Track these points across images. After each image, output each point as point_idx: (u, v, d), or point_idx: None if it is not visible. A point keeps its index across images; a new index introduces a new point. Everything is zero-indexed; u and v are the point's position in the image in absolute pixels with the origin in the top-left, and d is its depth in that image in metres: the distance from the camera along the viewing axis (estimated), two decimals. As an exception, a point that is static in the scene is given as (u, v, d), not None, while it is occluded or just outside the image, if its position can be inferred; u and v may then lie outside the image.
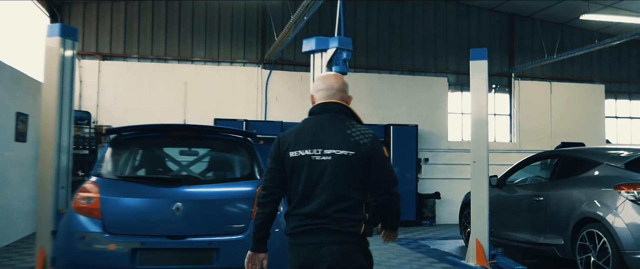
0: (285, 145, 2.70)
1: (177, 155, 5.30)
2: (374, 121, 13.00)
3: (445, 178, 13.49)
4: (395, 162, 12.64)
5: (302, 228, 2.62)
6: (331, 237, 2.58)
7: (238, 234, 4.70)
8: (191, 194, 4.72)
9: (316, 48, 7.26)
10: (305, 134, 2.68)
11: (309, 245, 2.60)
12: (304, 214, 2.63)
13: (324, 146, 2.63)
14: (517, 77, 14.58)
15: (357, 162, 2.61)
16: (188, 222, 4.60)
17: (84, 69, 12.11)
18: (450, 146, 13.71)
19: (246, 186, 4.96)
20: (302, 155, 2.64)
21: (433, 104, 13.81)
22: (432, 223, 13.06)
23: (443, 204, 13.33)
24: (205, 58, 12.80)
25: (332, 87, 2.76)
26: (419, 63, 13.95)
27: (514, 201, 8.12)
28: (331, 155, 2.61)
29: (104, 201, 4.58)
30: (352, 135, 2.65)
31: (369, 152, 2.63)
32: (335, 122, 2.70)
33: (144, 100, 12.23)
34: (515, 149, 14.09)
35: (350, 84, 2.93)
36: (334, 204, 2.59)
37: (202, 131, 5.22)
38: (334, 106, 2.74)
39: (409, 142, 12.81)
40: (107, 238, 4.47)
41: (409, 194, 12.71)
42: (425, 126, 13.53)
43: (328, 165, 2.61)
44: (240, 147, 5.29)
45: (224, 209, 4.76)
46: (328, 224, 2.58)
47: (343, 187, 2.61)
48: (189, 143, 5.28)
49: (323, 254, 2.56)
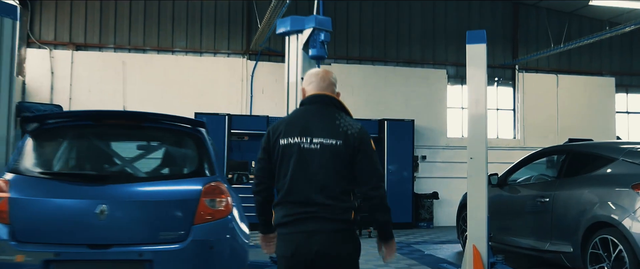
0: (276, 134, 2.79)
1: (112, 148, 4.46)
2: (367, 115, 12.16)
3: (444, 177, 12.63)
4: (389, 160, 11.82)
5: (293, 217, 2.70)
6: (323, 225, 2.65)
7: (175, 243, 3.90)
8: (119, 195, 3.91)
9: (291, 29, 6.46)
10: (295, 123, 2.78)
11: (301, 233, 2.67)
12: (293, 202, 2.71)
13: (313, 134, 2.72)
14: (521, 70, 13.69)
15: (344, 152, 2.70)
16: (114, 228, 3.82)
17: (56, 60, 11.33)
18: (449, 143, 12.85)
19: (190, 184, 4.15)
20: (292, 142, 2.73)
21: (431, 98, 12.95)
22: (430, 225, 12.20)
23: (441, 204, 12.48)
24: (187, 48, 12.00)
25: (323, 80, 2.87)
26: (416, 54, 13.09)
27: (517, 202, 7.30)
28: (319, 144, 2.70)
29: (13, 203, 3.79)
30: (341, 125, 2.74)
31: (356, 142, 2.71)
32: (324, 112, 2.79)
33: (120, 93, 11.45)
34: (519, 146, 13.20)
35: (342, 76, 3.11)
36: (323, 191, 2.67)
37: (143, 119, 4.39)
38: (324, 98, 2.84)
39: (404, 138, 11.97)
40: (14, 247, 3.71)
41: (404, 194, 11.87)
42: (423, 122, 12.68)
43: (316, 153, 2.70)
44: (188, 139, 4.48)
45: (160, 213, 3.96)
46: (319, 212, 2.66)
47: (331, 175, 2.69)
48: (126, 133, 4.46)
49: (314, 242, 2.64)
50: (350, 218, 2.71)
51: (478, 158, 6.64)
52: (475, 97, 6.68)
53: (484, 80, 6.67)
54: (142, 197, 3.97)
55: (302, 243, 2.66)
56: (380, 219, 2.79)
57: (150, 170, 4.40)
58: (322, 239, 2.65)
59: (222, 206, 4.09)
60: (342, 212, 2.69)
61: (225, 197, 4.13)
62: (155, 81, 11.61)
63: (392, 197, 11.96)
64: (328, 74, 2.93)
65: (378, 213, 2.76)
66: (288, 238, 2.71)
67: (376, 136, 11.97)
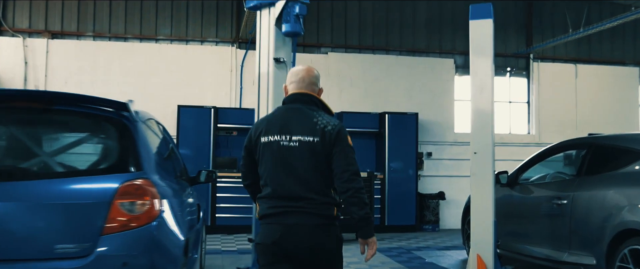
0: (258, 132, 2.89)
1: (9, 136, 3.56)
2: (367, 108, 11.21)
3: (451, 176, 11.62)
4: (391, 157, 10.86)
5: (277, 209, 2.78)
6: (306, 219, 2.74)
7: (75, 259, 3.00)
8: (6, 196, 3.01)
9: (262, 0, 5.54)
10: (275, 121, 2.88)
11: (283, 225, 2.75)
12: (277, 196, 2.79)
13: (291, 132, 2.82)
14: (536, 59, 12.60)
15: (321, 148, 2.78)
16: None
17: (30, 49, 10.53)
18: (457, 139, 11.82)
19: (103, 182, 3.25)
20: (272, 140, 2.83)
21: (437, 89, 11.93)
22: (435, 227, 11.20)
23: (448, 205, 11.47)
24: (172, 36, 11.12)
25: (303, 80, 2.95)
26: (421, 42, 12.08)
27: (529, 204, 6.33)
28: (298, 141, 2.80)
29: None
30: (318, 123, 2.82)
31: (332, 138, 2.78)
32: (304, 111, 2.88)
33: (99, 84, 10.61)
34: (534, 142, 12.13)
35: (339, 66, 6.14)
36: (304, 187, 2.76)
37: (51, 100, 3.49)
38: (304, 96, 2.92)
39: (407, 133, 10.99)
40: None
41: (407, 194, 10.89)
42: (428, 115, 11.67)
43: (295, 150, 2.79)
44: (109, 126, 3.57)
45: (58, 220, 3.06)
46: (303, 207, 2.74)
47: (310, 172, 2.78)
48: (30, 119, 3.55)
49: (295, 234, 2.73)
50: (333, 214, 2.79)
51: (483, 152, 5.67)
52: (479, 81, 5.70)
53: (490, 61, 5.68)
54: (35, 200, 3.08)
55: (284, 234, 2.73)
56: (356, 214, 2.75)
57: (54, 165, 3.49)
58: (304, 233, 2.72)
59: (143, 210, 3.18)
60: (325, 207, 2.77)
61: (149, 199, 3.22)
62: (137, 72, 10.76)
63: (394, 198, 11.01)
64: (309, 72, 2.98)
65: (353, 207, 2.75)
66: (271, 228, 2.78)
67: (376, 130, 11.01)
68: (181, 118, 10.21)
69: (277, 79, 5.59)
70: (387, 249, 8.58)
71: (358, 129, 10.90)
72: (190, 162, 10.62)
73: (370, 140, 11.24)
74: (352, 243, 8.66)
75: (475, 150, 5.70)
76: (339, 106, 11.15)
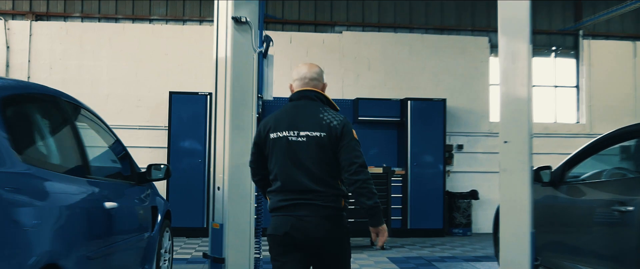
0: (266, 129, 3.00)
1: None
2: (387, 94, 9.83)
3: (486, 172, 10.09)
4: (413, 150, 9.46)
5: (288, 201, 2.88)
6: (315, 211, 2.84)
7: None
8: None
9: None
10: (283, 118, 2.99)
11: (296, 216, 2.85)
12: (286, 190, 2.90)
13: (299, 128, 2.92)
14: (586, 36, 10.86)
15: (328, 143, 2.88)
16: None
17: (12, 32, 9.59)
18: (492, 129, 10.27)
19: None
20: (281, 136, 2.93)
21: (469, 72, 10.40)
22: (467, 231, 9.72)
23: (482, 206, 9.97)
24: (167, 16, 9.98)
25: (305, 77, 3.07)
26: (451, 18, 10.56)
27: (580, 209, 4.88)
28: (306, 136, 2.90)
29: None
30: (324, 118, 2.92)
31: (338, 133, 2.88)
32: (310, 107, 3.00)
33: (87, 69, 9.61)
34: (584, 133, 10.46)
35: (356, 47, 5.84)
36: (312, 180, 2.86)
37: None
38: (309, 93, 3.04)
39: (433, 122, 9.55)
40: None
41: (433, 193, 9.46)
42: (458, 102, 10.18)
43: (303, 145, 2.89)
44: None
45: None
46: (311, 199, 2.85)
47: (317, 165, 2.86)
48: None
49: (305, 225, 2.83)
50: (340, 205, 2.90)
51: (517, 141, 4.26)
52: (510, 52, 4.27)
53: (528, 32, 4.23)
54: None
55: (294, 226, 2.84)
56: (366, 204, 2.85)
57: None
58: (313, 224, 2.83)
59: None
60: (332, 199, 2.88)
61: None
62: (128, 55, 9.68)
63: (418, 198, 9.57)
64: (311, 69, 3.11)
65: (362, 198, 2.84)
66: (282, 220, 2.89)
67: (397, 119, 9.60)
68: (173, 106, 9.07)
69: (238, 49, 4.29)
70: (404, 259, 7.19)
71: (376, 118, 9.56)
72: (183, 156, 9.56)
73: (390, 130, 9.84)
74: (357, 251, 7.33)
75: (506, 139, 4.29)
76: (355, 92, 9.80)
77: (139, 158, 7.73)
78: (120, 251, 3.89)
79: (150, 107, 9.59)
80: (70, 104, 3.63)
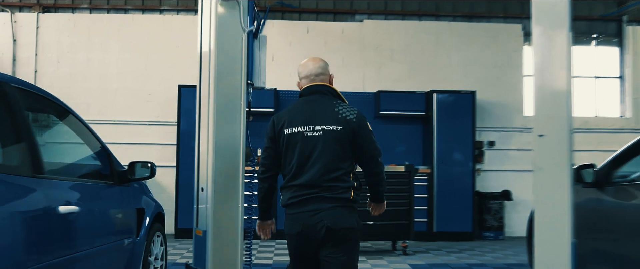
0: (280, 124, 3.00)
1: None
2: (410, 86, 9.15)
3: (520, 170, 9.29)
4: (440, 147, 8.79)
5: (299, 198, 2.91)
6: (326, 203, 2.87)
7: None
8: None
9: None
10: (297, 113, 3.01)
11: (307, 212, 2.89)
12: (298, 185, 2.92)
13: (315, 122, 2.94)
14: (630, 22, 9.93)
15: (345, 136, 2.92)
16: None
17: (19, 24, 9.26)
18: (527, 124, 9.48)
19: None
20: (296, 132, 2.95)
21: (501, 62, 9.62)
22: (499, 235, 8.96)
23: (516, 208, 9.20)
24: (178, 6, 9.51)
25: (312, 74, 3.09)
26: (481, 5, 9.79)
27: (630, 214, 4.15)
28: (322, 131, 2.92)
29: None
30: (340, 112, 2.95)
31: (355, 126, 2.93)
32: (323, 102, 3.02)
33: (95, 63, 9.22)
34: (629, 128, 9.57)
35: (377, 36, 5.83)
36: (325, 174, 2.88)
37: None
38: (321, 88, 3.07)
39: (462, 116, 8.83)
40: None
41: (462, 193, 8.74)
42: (489, 94, 9.42)
43: (319, 140, 2.91)
44: None
45: None
46: (322, 192, 2.88)
47: (333, 159, 2.89)
48: None
49: (320, 218, 2.85)
50: (350, 196, 2.92)
51: (553, 136, 3.54)
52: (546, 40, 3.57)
53: (565, 13, 3.52)
54: None
55: (307, 221, 2.87)
56: (379, 190, 3.11)
57: None
58: (325, 216, 2.85)
59: None
60: (343, 191, 2.90)
61: None
62: (138, 48, 9.25)
63: (445, 198, 8.80)
64: (316, 63, 3.12)
65: (379, 186, 3.09)
66: (295, 217, 2.93)
67: (423, 114, 8.91)
68: (183, 100, 8.57)
69: (223, 28, 3.71)
70: (427, 266, 6.52)
71: (399, 113, 8.90)
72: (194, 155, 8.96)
73: (415, 126, 9.15)
74: (376, 256, 6.76)
75: (540, 132, 3.59)
76: (376, 85, 9.15)
77: (149, 156, 7.31)
78: (86, 260, 3.36)
79: (160, 102, 9.13)
80: (22, 91, 3.10)
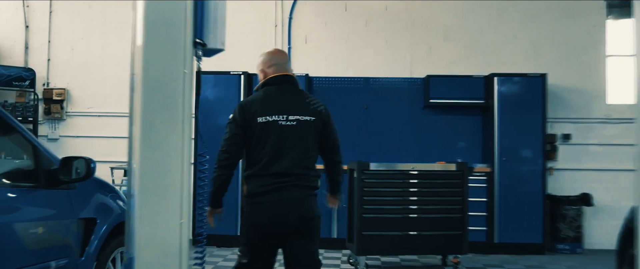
0: (251, 112, 2.98)
1: None
2: (467, 70, 7.76)
3: (602, 169, 7.71)
4: (502, 140, 7.42)
5: (271, 186, 2.92)
6: (299, 192, 2.96)
7: None
8: None
9: None
10: (270, 102, 3.02)
11: (277, 201, 2.92)
12: (271, 174, 2.93)
13: (289, 112, 3.00)
14: None
15: (318, 127, 3.06)
16: None
17: (32, 9, 8.53)
18: (611, 114, 7.85)
19: None
20: (270, 121, 2.97)
21: (578, 41, 8.03)
22: (576, 248, 7.39)
23: (597, 215, 7.63)
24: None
25: (282, 62, 3.17)
26: (553, -27, 8.25)
27: None
28: (296, 121, 2.99)
29: None
30: (311, 103, 3.09)
31: (325, 117, 3.10)
32: (294, 92, 3.12)
33: (110, 50, 8.36)
34: None
35: (427, 15, 5.51)
36: (299, 163, 2.97)
37: None
38: (290, 78, 3.15)
39: (529, 105, 7.36)
40: None
41: (530, 196, 7.26)
42: (563, 79, 7.87)
43: (293, 129, 2.98)
44: None
45: None
46: (296, 181, 2.95)
47: (306, 149, 3.01)
48: None
49: (291, 207, 2.94)
50: (317, 185, 3.08)
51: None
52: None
53: None
54: None
55: (281, 210, 2.91)
56: (339, 180, 3.30)
57: None
58: (300, 205, 2.95)
59: None
60: (312, 180, 3.03)
61: None
62: (156, 32, 8.32)
63: (509, 203, 7.12)
64: (284, 54, 3.29)
65: (339, 176, 3.28)
66: (264, 206, 2.93)
67: (481, 102, 7.52)
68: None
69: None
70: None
71: (453, 101, 7.57)
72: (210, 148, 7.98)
73: (472, 117, 7.75)
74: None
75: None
76: (426, 69, 7.83)
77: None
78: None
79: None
80: None
